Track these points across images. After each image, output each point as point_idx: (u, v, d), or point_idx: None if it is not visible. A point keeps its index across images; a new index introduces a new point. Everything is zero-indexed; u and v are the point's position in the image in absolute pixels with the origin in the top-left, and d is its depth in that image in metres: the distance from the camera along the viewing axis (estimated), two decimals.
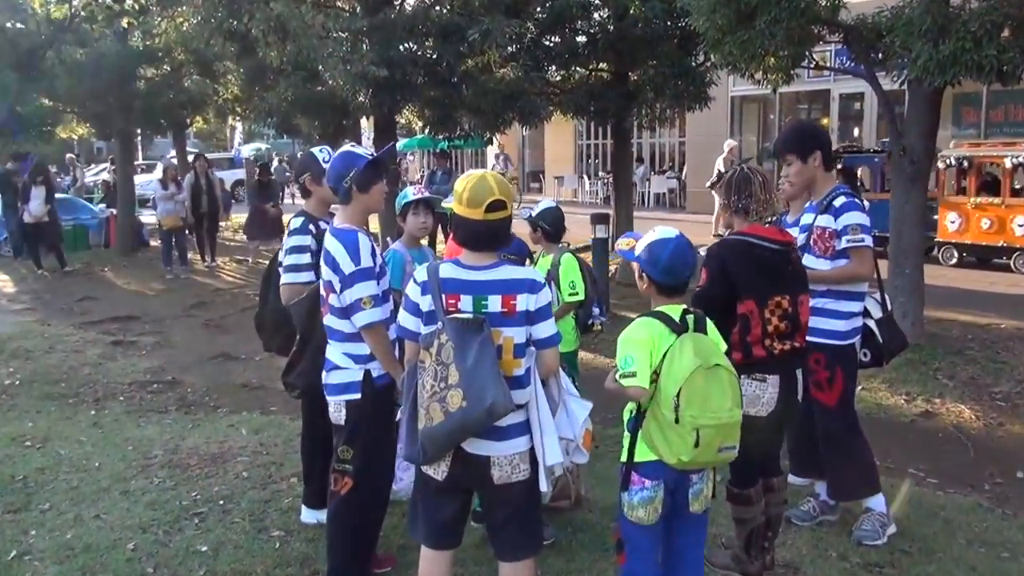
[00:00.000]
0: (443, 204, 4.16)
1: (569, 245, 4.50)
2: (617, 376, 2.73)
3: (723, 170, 3.97)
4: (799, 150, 3.81)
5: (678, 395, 2.63)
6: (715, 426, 2.64)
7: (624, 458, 2.83)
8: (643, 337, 2.75)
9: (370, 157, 3.31)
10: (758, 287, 3.22)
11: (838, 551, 3.80)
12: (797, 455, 4.21)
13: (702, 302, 3.09)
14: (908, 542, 3.88)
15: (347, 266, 3.19)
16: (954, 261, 11.96)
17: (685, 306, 2.84)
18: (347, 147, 3.40)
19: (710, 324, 2.86)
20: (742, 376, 3.03)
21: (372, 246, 3.28)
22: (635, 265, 2.90)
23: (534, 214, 4.40)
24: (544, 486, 2.77)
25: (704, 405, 2.63)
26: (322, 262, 3.33)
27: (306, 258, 3.78)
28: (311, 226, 3.84)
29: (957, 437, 5.43)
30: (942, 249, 12.08)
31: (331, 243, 3.26)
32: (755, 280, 3.21)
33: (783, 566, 3.64)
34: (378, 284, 3.26)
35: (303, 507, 4.19)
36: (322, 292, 3.37)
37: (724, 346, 2.87)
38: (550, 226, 4.38)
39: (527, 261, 4.33)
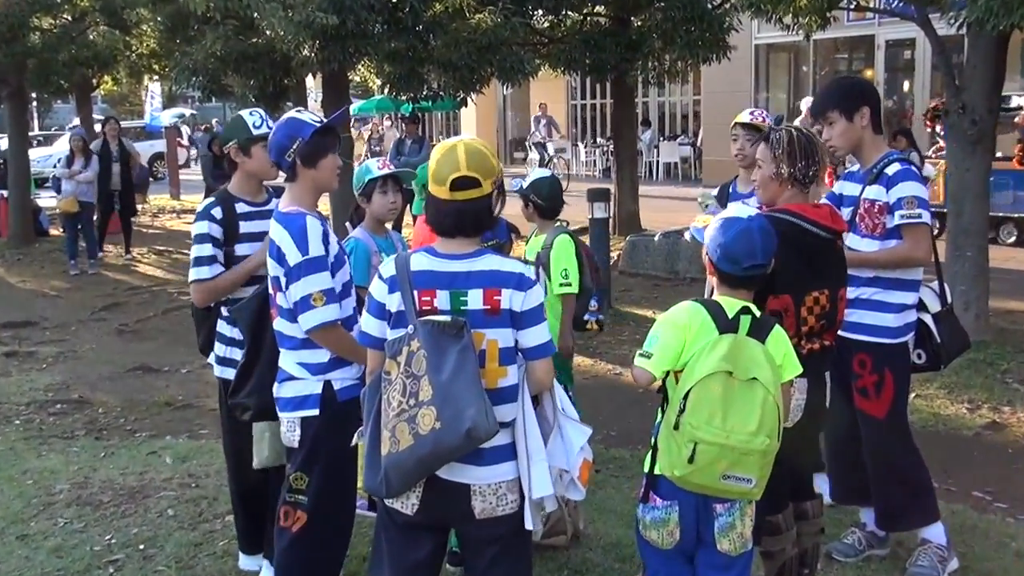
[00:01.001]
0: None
1: (567, 224, 4.50)
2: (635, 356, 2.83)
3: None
4: (843, 105, 3.81)
5: (686, 397, 2.69)
6: (719, 446, 2.66)
7: (647, 467, 2.92)
8: (681, 322, 2.82)
9: (317, 124, 3.30)
10: (799, 281, 3.19)
11: None
12: (838, 477, 4.24)
13: None
14: None
15: (293, 256, 3.19)
16: None
17: (747, 304, 2.86)
18: (291, 113, 3.39)
19: (779, 336, 2.86)
20: None
21: (324, 230, 3.27)
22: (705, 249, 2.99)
23: (524, 185, 4.42)
24: (530, 524, 2.76)
25: (712, 418, 2.66)
26: (267, 255, 3.32)
27: (207, 249, 3.77)
28: (216, 209, 3.80)
29: None
30: None
31: (276, 231, 3.26)
32: (798, 272, 3.17)
33: None
34: (333, 276, 3.25)
35: (240, 552, 4.18)
36: (270, 291, 3.36)
37: (798, 368, 2.88)
38: (544, 200, 4.40)
39: (510, 243, 4.35)
